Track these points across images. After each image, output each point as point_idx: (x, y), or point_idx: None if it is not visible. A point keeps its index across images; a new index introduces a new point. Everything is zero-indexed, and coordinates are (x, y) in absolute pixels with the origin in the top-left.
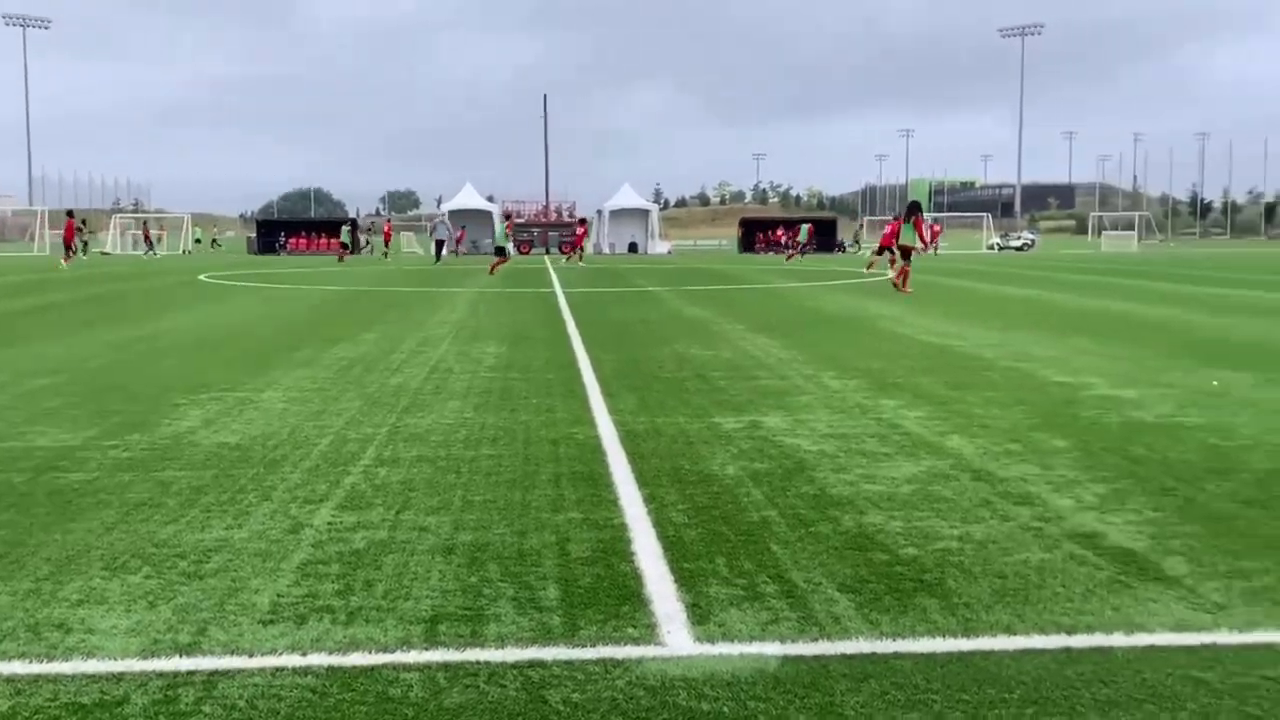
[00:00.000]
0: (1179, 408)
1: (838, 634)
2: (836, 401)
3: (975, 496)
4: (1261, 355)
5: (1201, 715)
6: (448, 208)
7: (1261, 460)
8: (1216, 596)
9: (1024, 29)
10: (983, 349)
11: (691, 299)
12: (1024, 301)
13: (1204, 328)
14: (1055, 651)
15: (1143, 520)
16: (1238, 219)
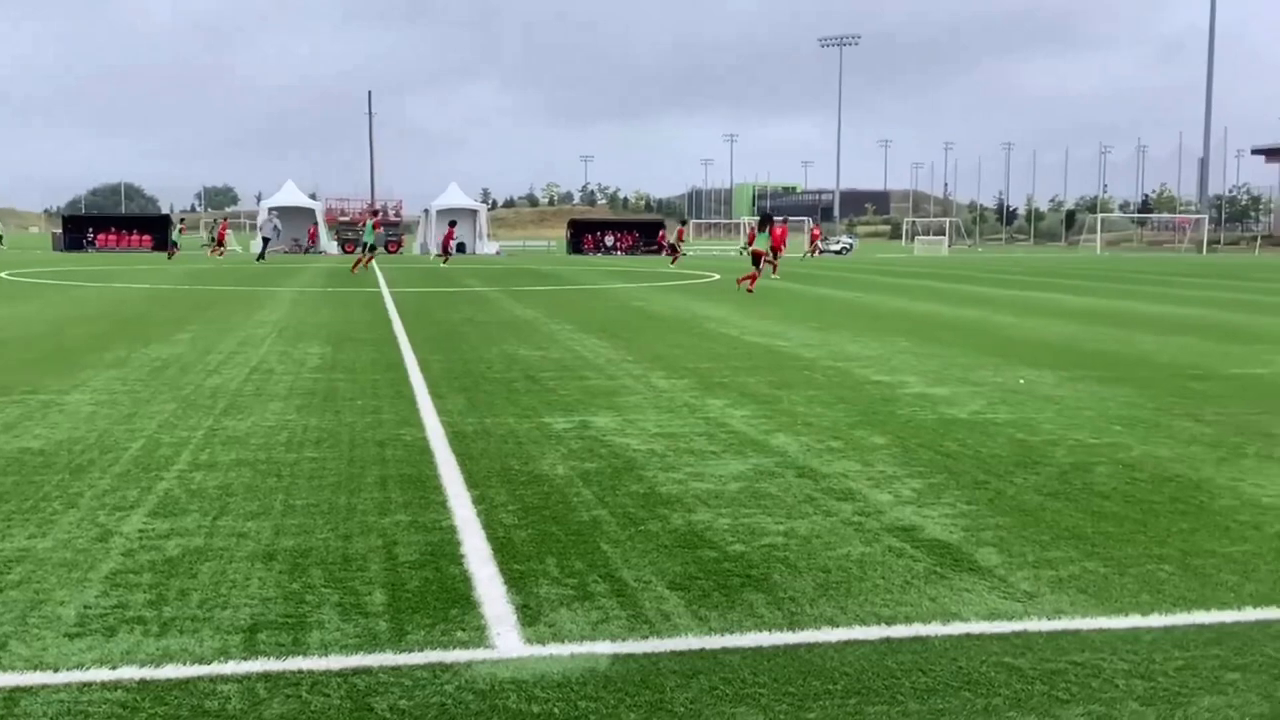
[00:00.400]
0: (989, 405)
1: (668, 631)
2: (665, 401)
3: (800, 493)
4: (1062, 355)
5: (1014, 701)
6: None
7: (1064, 454)
8: (1026, 585)
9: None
10: (805, 349)
11: (520, 299)
12: (844, 303)
13: (1010, 328)
14: (876, 642)
15: (957, 513)
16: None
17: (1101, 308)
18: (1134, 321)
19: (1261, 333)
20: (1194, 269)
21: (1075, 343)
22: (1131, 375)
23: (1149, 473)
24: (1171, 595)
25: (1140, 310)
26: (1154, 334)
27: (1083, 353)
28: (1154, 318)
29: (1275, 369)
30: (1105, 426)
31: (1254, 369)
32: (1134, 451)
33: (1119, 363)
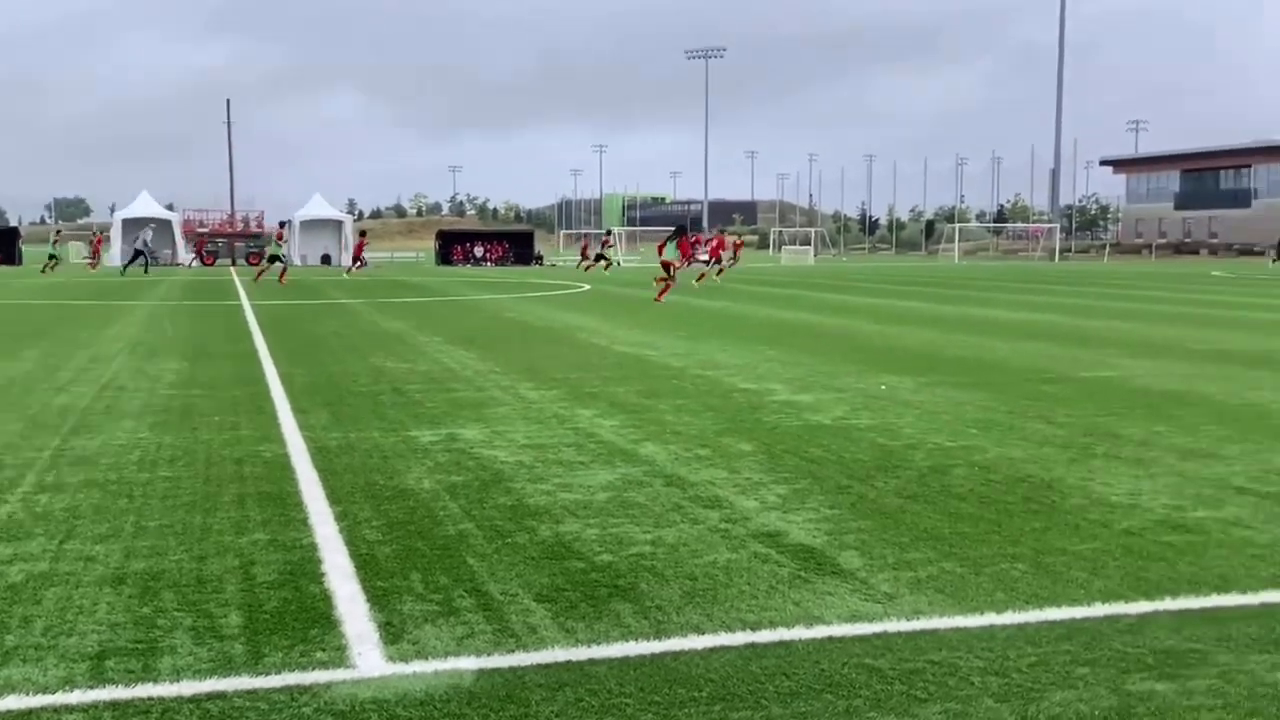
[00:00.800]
0: (852, 410)
1: (534, 644)
2: (534, 412)
3: (668, 501)
4: (922, 361)
5: (874, 701)
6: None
7: (923, 458)
8: (886, 587)
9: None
10: (674, 358)
11: (388, 311)
12: (712, 312)
13: (873, 335)
14: (741, 648)
15: (820, 518)
16: (902, 235)
17: (959, 315)
18: (989, 328)
19: (1110, 337)
20: (1046, 276)
21: (934, 349)
22: (987, 380)
23: (1003, 474)
24: (1025, 593)
25: (995, 317)
26: (1008, 340)
27: (941, 359)
28: (1008, 324)
29: (1122, 372)
30: (962, 430)
31: (1102, 372)
32: (989, 454)
33: (975, 368)
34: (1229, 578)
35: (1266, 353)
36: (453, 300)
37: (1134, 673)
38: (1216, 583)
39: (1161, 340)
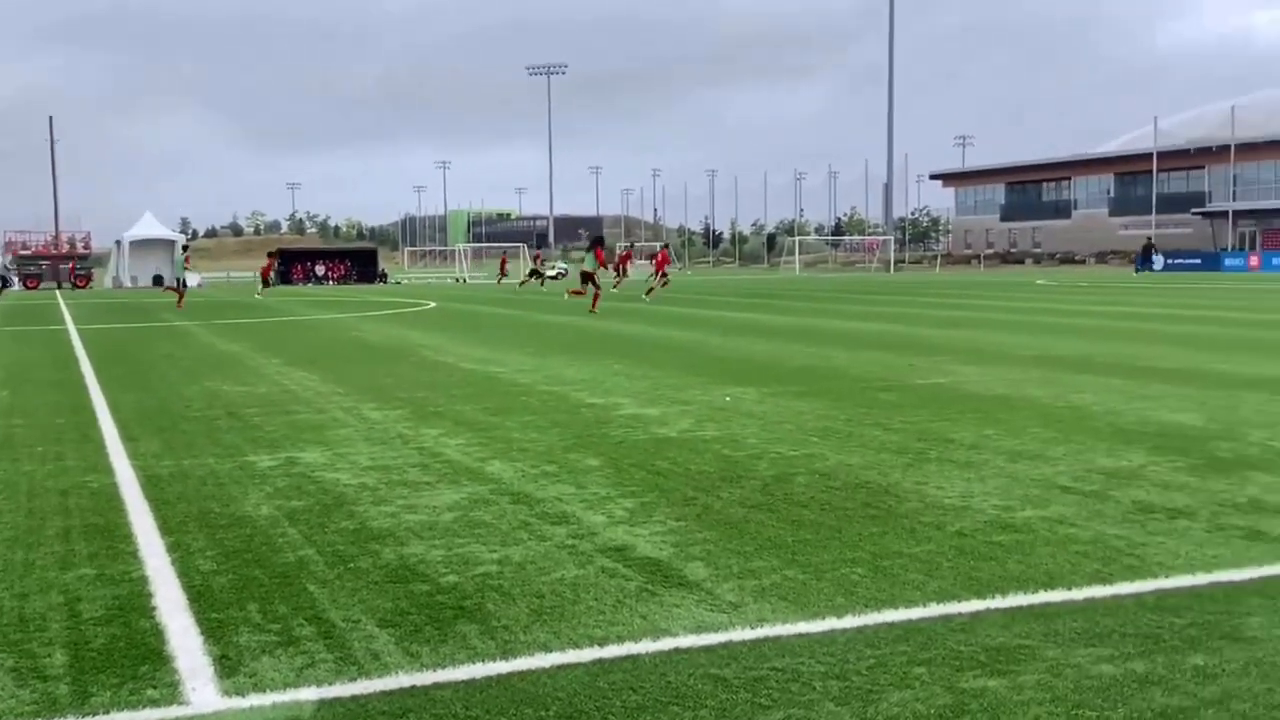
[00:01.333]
0: (698, 423)
1: (377, 671)
2: (378, 433)
3: (515, 519)
4: (764, 371)
5: (720, 711)
6: None
7: (767, 467)
8: (731, 596)
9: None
10: (521, 374)
11: (224, 334)
12: (559, 328)
13: (717, 348)
14: (589, 664)
15: (667, 530)
16: (744, 248)
17: (800, 326)
18: (829, 338)
19: (942, 345)
20: (882, 287)
21: (776, 360)
22: (826, 389)
23: (843, 480)
24: (864, 596)
25: (834, 327)
26: (846, 349)
27: (783, 369)
28: (847, 334)
29: (954, 378)
30: (803, 438)
31: (936, 379)
32: (829, 461)
33: (815, 377)
34: (1055, 574)
35: (1087, 357)
36: (293, 320)
37: (967, 670)
38: (1043, 580)
39: (990, 347)
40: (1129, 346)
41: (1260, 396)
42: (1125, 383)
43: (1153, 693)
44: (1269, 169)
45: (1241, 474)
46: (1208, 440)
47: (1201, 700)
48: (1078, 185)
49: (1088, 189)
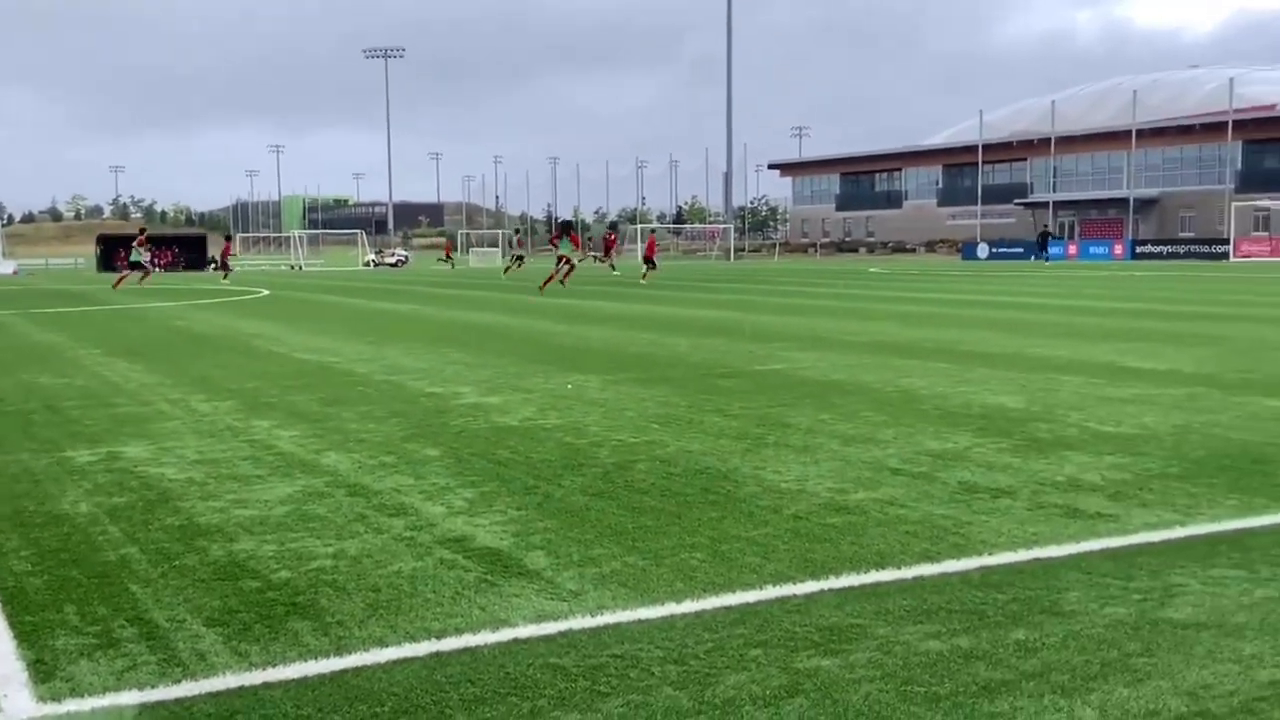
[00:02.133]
0: (540, 411)
1: (203, 672)
2: (206, 425)
3: (350, 512)
4: (607, 359)
5: (558, 700)
6: None
7: (608, 454)
8: (571, 585)
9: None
10: (358, 364)
11: (41, 323)
12: (399, 316)
13: (560, 335)
14: (426, 658)
15: (508, 519)
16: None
17: (642, 313)
18: (670, 325)
19: (780, 331)
20: (722, 275)
21: (618, 347)
22: (667, 375)
23: (683, 466)
24: (702, 581)
25: (676, 314)
26: (687, 336)
27: (624, 356)
28: (687, 321)
29: (791, 364)
30: (645, 425)
31: (774, 365)
32: (670, 447)
33: (656, 364)
34: (886, 554)
35: (915, 342)
36: (116, 309)
37: (802, 650)
38: (875, 560)
39: (826, 333)
40: (955, 332)
41: (1077, 380)
42: (951, 367)
43: (977, 667)
44: (1086, 161)
45: (1060, 454)
46: (1028, 422)
47: (1023, 673)
48: (908, 176)
49: (917, 180)
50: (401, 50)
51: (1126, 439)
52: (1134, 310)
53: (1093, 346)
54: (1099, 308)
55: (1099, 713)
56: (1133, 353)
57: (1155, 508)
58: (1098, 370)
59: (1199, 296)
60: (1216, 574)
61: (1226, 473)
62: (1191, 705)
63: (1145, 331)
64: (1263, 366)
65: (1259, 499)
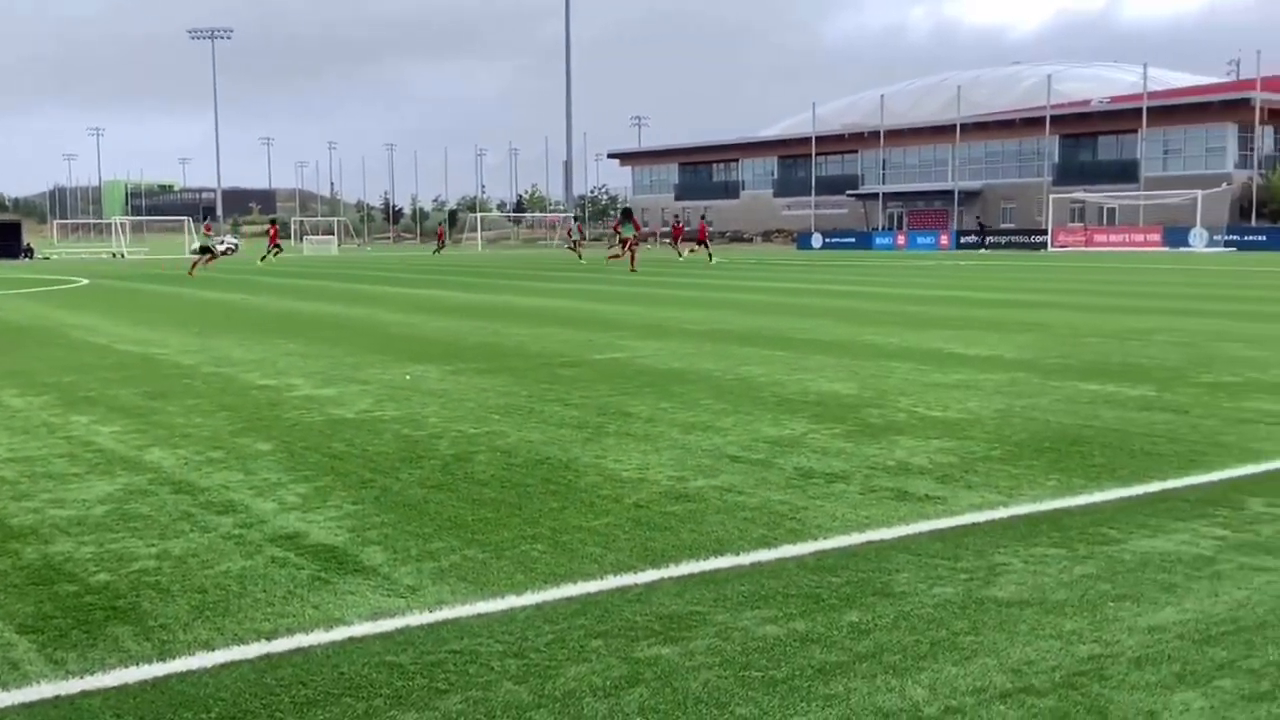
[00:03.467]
0: (376, 402)
1: (16, 682)
2: (19, 421)
3: (176, 510)
4: (446, 349)
5: (394, 699)
6: None
7: (447, 446)
8: (409, 580)
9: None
10: (185, 356)
11: None
12: (228, 306)
13: (398, 325)
14: (256, 660)
15: (343, 515)
16: (426, 224)
17: (482, 302)
18: (510, 315)
19: (620, 320)
20: (563, 264)
21: (458, 337)
22: (508, 365)
23: (524, 457)
24: (543, 573)
25: (516, 303)
26: (528, 326)
27: (464, 346)
28: (528, 310)
29: (631, 353)
30: (485, 416)
31: (614, 354)
32: (511, 438)
33: (497, 354)
34: (725, 541)
35: (754, 330)
36: None
37: (642, 640)
38: (714, 547)
39: (666, 322)
40: (792, 320)
41: (907, 366)
42: (788, 355)
43: (812, 650)
44: (913, 154)
45: (890, 439)
46: (861, 408)
47: (856, 655)
48: (745, 167)
49: (754, 170)
50: (229, 31)
51: (953, 423)
52: (959, 299)
53: (921, 334)
54: (926, 296)
55: (929, 691)
56: (958, 340)
57: (980, 489)
58: (925, 357)
59: (1019, 285)
60: (1038, 552)
61: (1046, 454)
62: (1016, 681)
63: (970, 319)
64: (1079, 352)
65: (1076, 479)
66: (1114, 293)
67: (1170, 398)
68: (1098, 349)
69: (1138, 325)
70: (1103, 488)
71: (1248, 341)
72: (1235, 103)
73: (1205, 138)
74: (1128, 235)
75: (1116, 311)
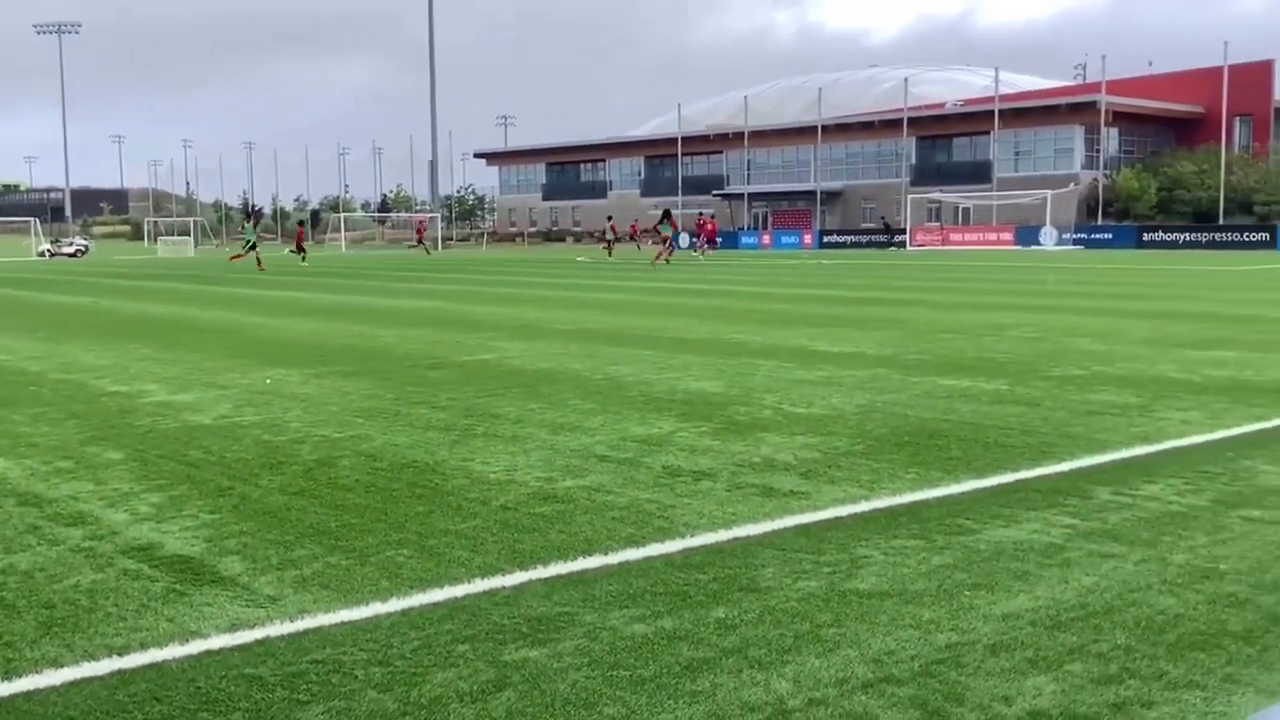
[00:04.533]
0: (236, 408)
1: None
2: None
3: (21, 523)
4: (309, 352)
5: (254, 712)
6: None
7: (310, 451)
8: (269, 590)
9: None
10: (31, 362)
11: None
12: (77, 309)
13: (258, 328)
14: (107, 677)
15: (200, 524)
16: (287, 225)
17: (346, 303)
18: (376, 316)
19: (488, 321)
20: (430, 264)
21: (321, 339)
22: (373, 368)
23: (389, 461)
24: (409, 578)
25: (382, 305)
26: (394, 327)
27: (328, 349)
28: (394, 312)
29: (500, 354)
30: (349, 420)
31: (482, 355)
32: (376, 442)
33: (362, 356)
34: (593, 541)
35: (620, 330)
36: None
37: (510, 643)
38: (583, 547)
39: (534, 322)
40: (660, 319)
41: (772, 363)
42: (656, 354)
43: (680, 647)
44: (777, 155)
45: (756, 436)
46: (728, 405)
47: (723, 650)
48: (612, 167)
49: (621, 170)
50: (77, 26)
51: (816, 419)
52: (822, 297)
53: (785, 331)
54: (792, 294)
55: (793, 684)
56: (821, 337)
57: (843, 484)
58: (790, 354)
59: (879, 283)
60: (898, 544)
61: (905, 448)
62: (877, 671)
63: (833, 317)
64: (936, 348)
65: (934, 471)
66: (970, 290)
67: (1023, 391)
68: (955, 344)
69: (993, 321)
70: (959, 480)
71: (1095, 336)
72: (1082, 105)
73: (1054, 139)
74: (982, 234)
75: (972, 308)
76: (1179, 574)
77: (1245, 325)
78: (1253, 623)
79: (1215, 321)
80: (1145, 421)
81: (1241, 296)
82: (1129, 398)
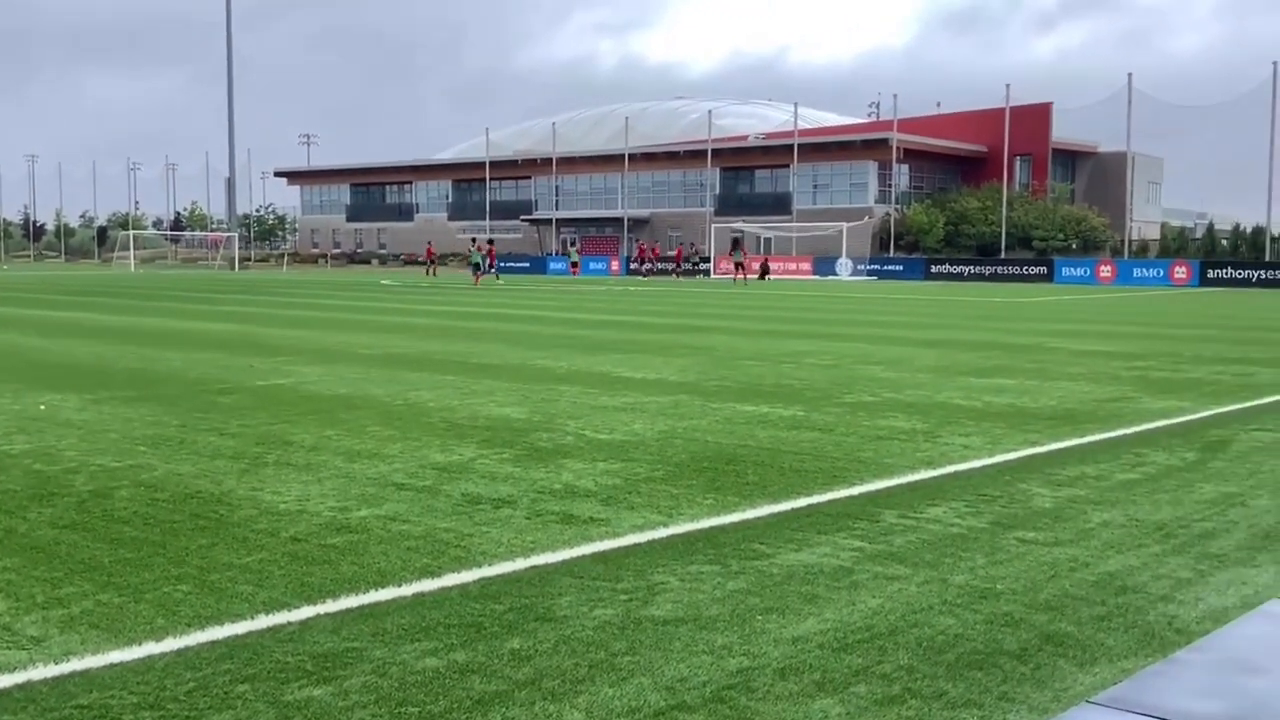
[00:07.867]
0: (4, 435)
1: None
2: None
3: None
4: (89, 376)
5: None
6: None
7: (85, 481)
8: (33, 630)
9: None
10: None
11: None
12: None
13: (36, 351)
14: None
15: None
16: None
17: (132, 325)
18: (164, 339)
19: (284, 345)
20: (226, 285)
21: (103, 363)
22: (158, 393)
23: (171, 491)
24: (187, 615)
25: (171, 327)
26: (184, 350)
27: (110, 372)
28: (185, 334)
29: (297, 379)
30: (130, 448)
31: (277, 380)
32: (157, 471)
33: (147, 381)
34: (387, 572)
35: (425, 355)
36: None
37: (293, 682)
38: (375, 579)
39: (334, 346)
40: (465, 344)
41: (576, 389)
42: (460, 379)
43: (472, 680)
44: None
45: (558, 462)
46: (530, 432)
47: (516, 682)
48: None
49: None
50: None
51: (618, 445)
52: (628, 323)
53: (591, 358)
54: (596, 320)
55: (585, 715)
56: (626, 363)
57: (642, 510)
58: (595, 380)
59: (683, 310)
60: (694, 570)
61: (704, 474)
62: (670, 699)
63: (637, 343)
64: (736, 375)
65: (731, 497)
66: (770, 318)
67: (818, 417)
68: (754, 371)
69: (791, 348)
70: (755, 505)
71: (885, 363)
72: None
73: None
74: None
75: (772, 335)
76: (959, 594)
77: (1024, 354)
78: (1026, 641)
79: (997, 350)
80: (930, 446)
81: (1021, 327)
82: (916, 424)
